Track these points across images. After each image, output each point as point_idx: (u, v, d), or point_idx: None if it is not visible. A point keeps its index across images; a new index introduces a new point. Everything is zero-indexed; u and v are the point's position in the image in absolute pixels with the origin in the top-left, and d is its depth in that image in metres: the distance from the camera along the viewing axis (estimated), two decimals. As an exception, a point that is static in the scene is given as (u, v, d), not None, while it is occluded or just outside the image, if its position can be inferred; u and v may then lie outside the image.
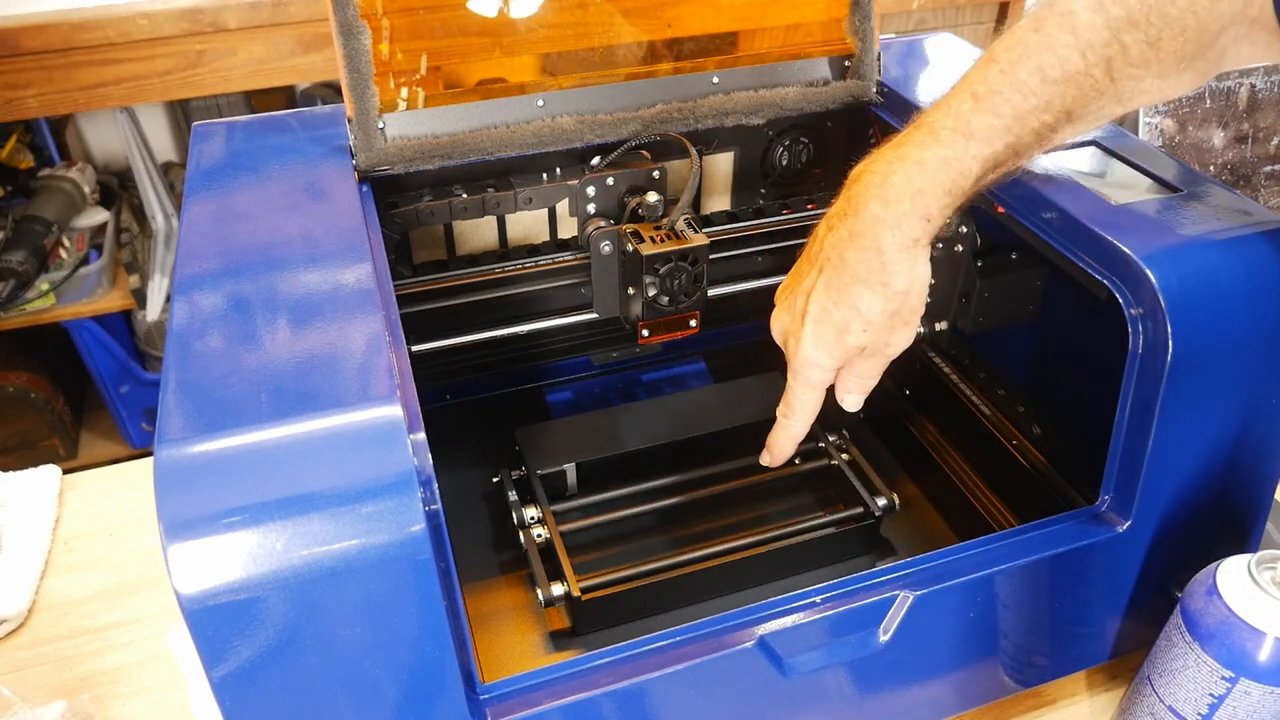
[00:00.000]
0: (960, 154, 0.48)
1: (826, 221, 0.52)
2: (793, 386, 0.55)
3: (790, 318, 0.54)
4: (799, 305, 0.53)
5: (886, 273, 0.49)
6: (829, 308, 0.51)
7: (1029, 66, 0.47)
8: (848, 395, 0.56)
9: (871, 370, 0.54)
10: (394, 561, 0.41)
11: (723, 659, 0.50)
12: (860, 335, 0.51)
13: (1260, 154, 1.71)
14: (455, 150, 0.64)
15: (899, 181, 0.49)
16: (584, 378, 0.87)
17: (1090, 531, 0.57)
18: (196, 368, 0.45)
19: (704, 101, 0.69)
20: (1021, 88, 0.47)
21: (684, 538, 0.72)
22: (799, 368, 0.53)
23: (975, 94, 0.48)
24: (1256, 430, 0.57)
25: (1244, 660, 0.50)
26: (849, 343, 0.52)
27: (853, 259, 0.50)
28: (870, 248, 0.49)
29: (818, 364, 0.53)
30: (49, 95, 1.37)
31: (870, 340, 0.52)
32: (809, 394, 0.55)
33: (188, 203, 0.58)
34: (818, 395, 0.55)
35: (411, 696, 0.45)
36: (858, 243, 0.49)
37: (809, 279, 0.52)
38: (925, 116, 0.50)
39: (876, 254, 0.49)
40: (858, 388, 0.55)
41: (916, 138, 0.49)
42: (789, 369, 0.55)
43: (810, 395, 0.55)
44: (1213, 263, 0.54)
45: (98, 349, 1.70)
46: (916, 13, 1.74)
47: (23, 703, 0.64)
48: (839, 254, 0.50)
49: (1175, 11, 0.45)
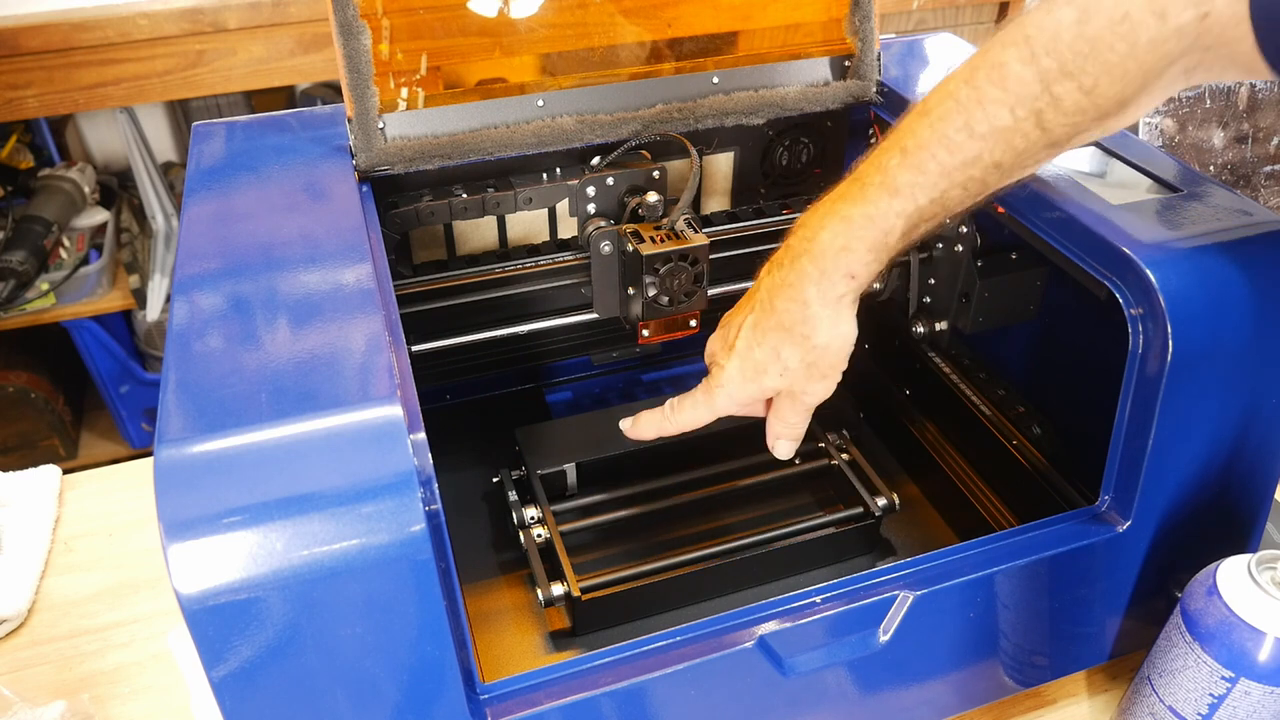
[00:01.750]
0: (884, 211, 0.48)
1: (769, 265, 0.54)
2: (697, 397, 0.57)
3: (720, 345, 0.57)
4: (730, 336, 0.55)
5: (808, 325, 0.51)
6: (753, 346, 0.53)
7: (957, 123, 0.46)
8: (778, 442, 0.58)
9: (792, 415, 0.56)
10: (394, 561, 0.41)
11: (723, 659, 0.50)
12: (776, 379, 0.54)
13: (1260, 154, 1.71)
14: (455, 150, 0.64)
15: (826, 238, 0.50)
16: (584, 378, 0.87)
17: (1090, 531, 0.57)
18: (196, 368, 0.45)
19: (704, 101, 0.69)
20: (948, 144, 0.46)
21: (684, 538, 0.72)
22: (714, 388, 0.56)
23: (904, 148, 0.48)
24: (1256, 430, 0.57)
25: (1244, 660, 0.50)
26: (765, 384, 0.54)
27: (780, 307, 0.52)
28: (796, 300, 0.51)
29: (730, 393, 0.55)
30: (49, 95, 1.37)
31: (786, 385, 0.54)
32: (704, 411, 0.57)
33: (188, 203, 0.58)
34: (708, 416, 0.57)
35: (411, 696, 0.45)
36: (786, 293, 0.51)
37: (742, 313, 0.55)
38: (859, 168, 0.50)
39: (801, 306, 0.51)
40: (786, 433, 0.57)
41: (850, 193, 0.50)
42: (703, 385, 0.57)
43: (705, 412, 0.57)
44: (1213, 263, 0.54)
45: (98, 349, 1.70)
46: (916, 13, 1.74)
47: (23, 703, 0.64)
48: (770, 299, 0.52)
49: (1114, 58, 0.42)
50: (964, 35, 1.33)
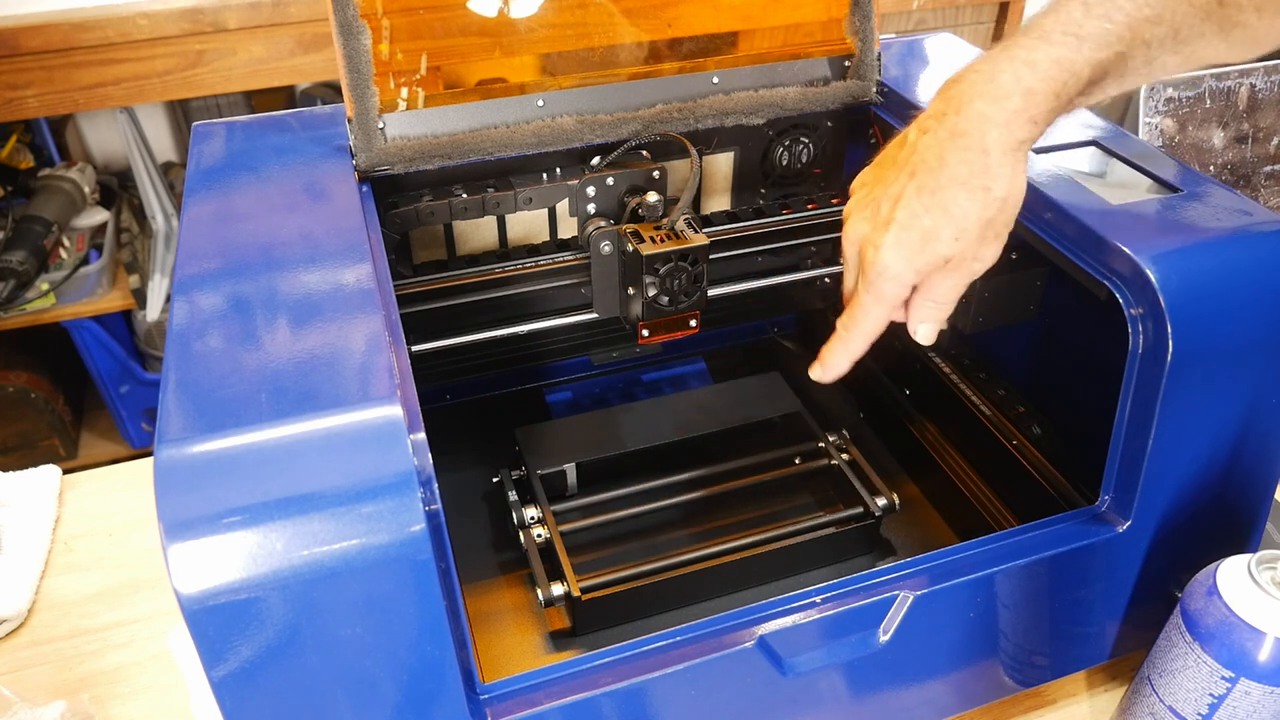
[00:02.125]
0: (1073, 55, 0.46)
1: (919, 125, 0.49)
2: (863, 300, 0.51)
3: (870, 225, 0.50)
4: (883, 212, 0.49)
5: (989, 175, 0.47)
6: (919, 213, 0.48)
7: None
8: (922, 325, 0.52)
9: (949, 291, 0.50)
10: (394, 561, 0.41)
11: (723, 659, 0.50)
12: (950, 244, 0.48)
13: (1260, 154, 1.71)
14: (455, 150, 0.64)
15: (1008, 80, 0.46)
16: (584, 378, 0.87)
17: (1090, 531, 0.57)
18: (196, 368, 0.45)
19: (704, 101, 0.69)
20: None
21: (684, 538, 0.72)
22: (874, 278, 0.49)
23: (1086, 3, 0.46)
24: (1256, 430, 0.57)
25: (1244, 660, 0.50)
26: (936, 252, 0.48)
27: (953, 160, 0.47)
28: (974, 148, 0.46)
29: (897, 275, 0.49)
30: (49, 95, 1.37)
31: (958, 251, 0.48)
32: (879, 309, 0.51)
33: (188, 203, 0.58)
34: (887, 312, 0.51)
35: (411, 696, 0.45)
36: (960, 142, 0.47)
37: (896, 184, 0.49)
38: (1031, 25, 0.48)
39: (981, 154, 0.46)
40: (933, 315, 0.51)
41: (1024, 42, 0.47)
42: (862, 281, 0.51)
43: (879, 311, 0.51)
44: (1213, 263, 0.54)
45: (98, 349, 1.70)
46: (916, 13, 1.74)
47: (23, 703, 0.64)
48: (936, 155, 0.47)
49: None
50: (964, 35, 1.34)
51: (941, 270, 0.49)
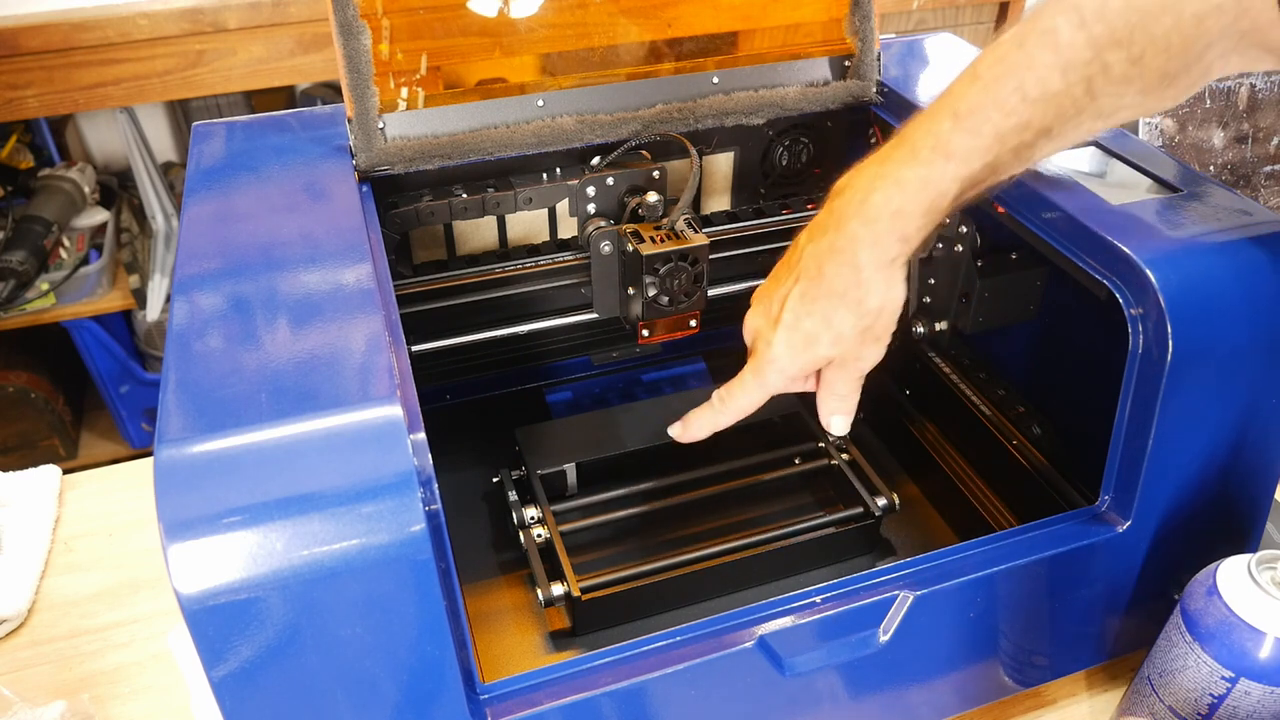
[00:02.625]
0: (939, 174, 0.48)
1: (809, 231, 0.53)
2: (746, 380, 0.55)
3: (764, 320, 0.54)
4: (774, 310, 0.53)
5: (861, 290, 0.50)
6: (802, 316, 0.52)
7: (1009, 85, 0.46)
8: (832, 417, 0.56)
9: (844, 386, 0.55)
10: (394, 561, 0.41)
11: (723, 659, 0.50)
12: (829, 348, 0.52)
13: (1260, 154, 1.71)
14: (455, 150, 0.64)
15: (879, 200, 0.49)
16: (584, 378, 0.87)
17: (1090, 531, 0.57)
18: (196, 368, 0.45)
19: (704, 101, 0.69)
20: (1002, 106, 0.46)
21: (684, 538, 0.72)
22: (763, 366, 0.54)
23: (956, 112, 0.47)
24: (1256, 430, 0.57)
25: (1244, 660, 0.50)
26: (817, 353, 0.52)
27: (830, 273, 0.50)
28: (848, 264, 0.50)
29: (783, 369, 0.53)
30: (49, 95, 1.37)
31: (838, 354, 0.53)
32: (758, 392, 0.55)
33: (188, 203, 0.58)
34: (764, 396, 0.55)
35: (411, 696, 0.45)
36: (836, 258, 0.50)
37: (786, 285, 0.53)
38: (907, 131, 0.49)
39: (854, 270, 0.50)
40: (840, 407, 0.56)
41: (897, 155, 0.49)
42: (750, 365, 0.55)
43: (758, 394, 0.55)
44: (1213, 263, 0.54)
45: (98, 349, 1.70)
46: (916, 13, 1.74)
47: (23, 703, 0.64)
48: (817, 266, 0.51)
49: (1160, 30, 0.44)
50: (964, 35, 1.34)
51: (830, 368, 0.54)
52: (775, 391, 0.55)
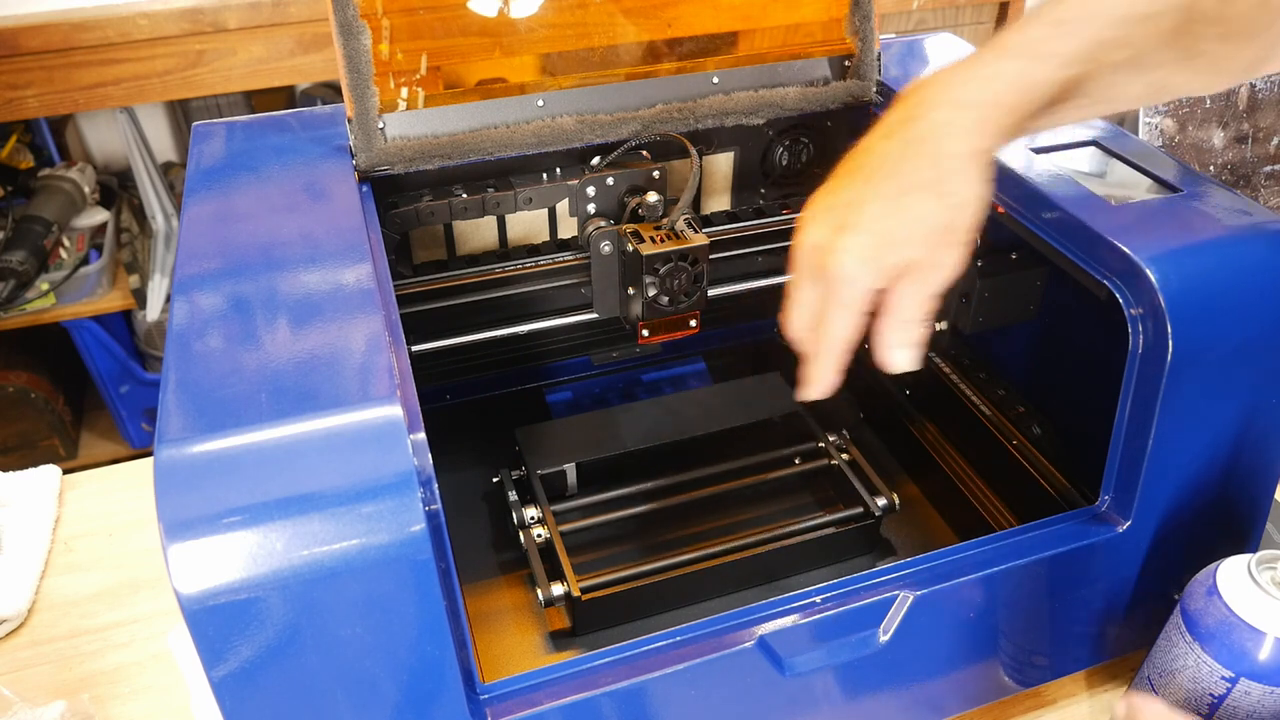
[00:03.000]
0: (1036, 71, 0.46)
1: (875, 135, 0.49)
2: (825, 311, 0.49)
3: (828, 231, 0.48)
4: (840, 218, 0.47)
5: (949, 182, 0.46)
6: (878, 216, 0.46)
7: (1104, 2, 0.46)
8: (894, 350, 0.49)
9: (915, 306, 0.48)
10: (394, 561, 0.41)
11: (723, 659, 0.50)
12: (908, 249, 0.46)
13: (1260, 154, 1.71)
14: (455, 150, 0.64)
15: (972, 89, 0.46)
16: (584, 378, 0.87)
17: (1090, 531, 0.57)
18: (196, 368, 0.45)
19: (704, 101, 0.69)
20: (1099, 18, 0.46)
21: (684, 538, 0.72)
22: (835, 284, 0.47)
23: (1054, 19, 0.47)
24: (1256, 430, 0.57)
25: (1244, 660, 0.50)
26: (897, 256, 0.46)
27: (911, 166, 0.46)
28: (932, 153, 0.46)
29: (857, 278, 0.47)
30: (49, 95, 1.37)
31: (918, 256, 0.46)
32: (845, 315, 0.48)
33: (188, 203, 0.58)
34: (853, 318, 0.48)
35: (411, 696, 0.45)
36: (919, 148, 0.46)
37: (853, 190, 0.48)
38: (995, 41, 0.48)
39: (940, 159, 0.46)
40: (904, 336, 0.48)
41: (988, 56, 0.47)
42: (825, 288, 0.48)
43: (846, 317, 0.48)
44: (1213, 263, 0.54)
45: (98, 349, 1.70)
46: (916, 13, 1.74)
47: (23, 703, 0.64)
48: (896, 160, 0.47)
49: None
50: (964, 35, 1.34)
51: (903, 281, 0.48)
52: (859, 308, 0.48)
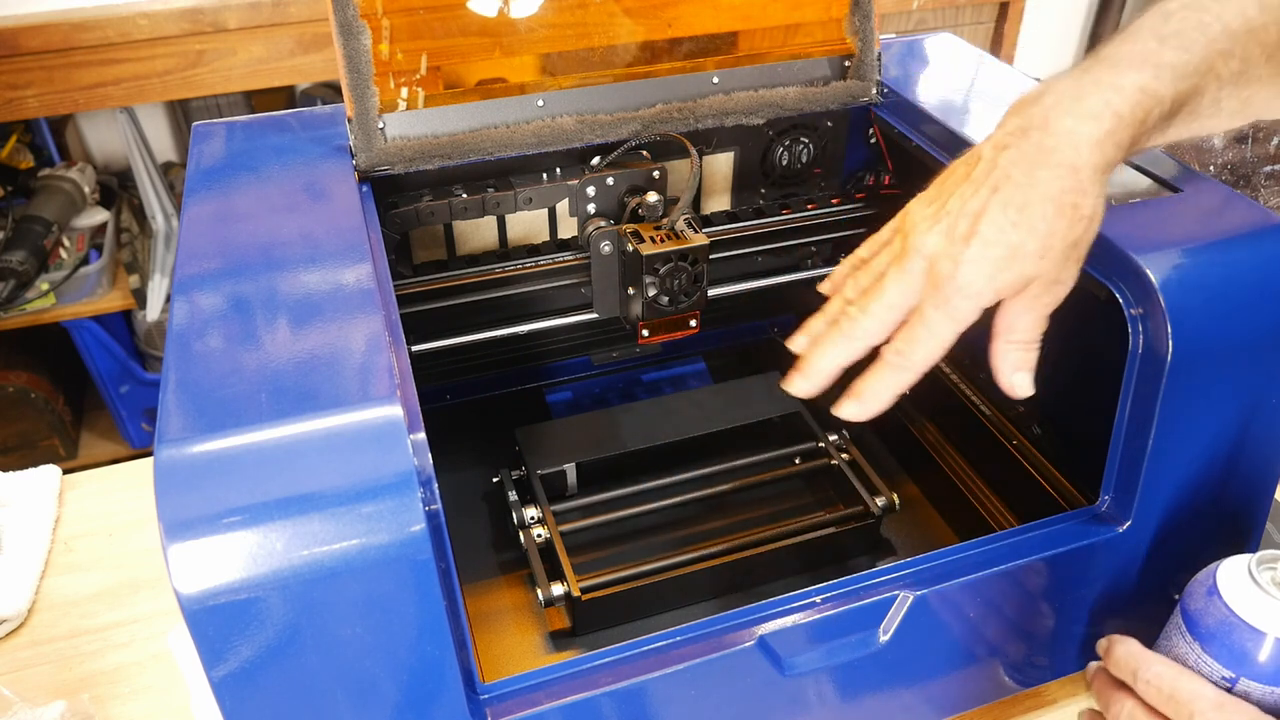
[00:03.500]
0: (1156, 83, 0.45)
1: (996, 142, 0.46)
2: (929, 319, 0.46)
3: (946, 240, 0.45)
4: (961, 227, 0.45)
5: (1079, 192, 0.44)
6: (1005, 227, 0.44)
7: (1211, 13, 0.46)
8: (1016, 374, 0.48)
9: (1032, 326, 0.47)
10: (394, 561, 0.41)
11: (723, 659, 0.50)
12: (1036, 262, 0.45)
13: (1260, 154, 1.71)
14: (455, 150, 0.64)
15: (1097, 101, 0.45)
16: (584, 378, 0.87)
17: (1090, 531, 0.57)
18: (196, 368, 0.45)
19: (704, 101, 0.69)
20: (1207, 30, 0.45)
21: (684, 538, 0.72)
22: (950, 294, 0.45)
23: (1160, 35, 0.46)
24: (1256, 430, 0.57)
25: (1244, 660, 0.50)
26: (1021, 270, 0.45)
27: (1043, 175, 0.44)
28: (1065, 163, 0.44)
29: (977, 292, 0.45)
30: (49, 95, 1.37)
31: (1043, 270, 0.45)
32: (948, 328, 0.46)
33: (188, 203, 0.58)
34: (955, 332, 0.46)
35: (411, 696, 0.45)
36: (1050, 158, 0.44)
37: (976, 198, 0.45)
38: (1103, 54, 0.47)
39: (1072, 170, 0.44)
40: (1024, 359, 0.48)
41: (1101, 68, 0.46)
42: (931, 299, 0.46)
43: (949, 330, 0.46)
44: (1213, 263, 0.54)
45: (98, 349, 1.70)
46: (916, 13, 1.74)
47: (23, 703, 0.64)
48: (1025, 170, 0.45)
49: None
50: (964, 35, 1.34)
51: (1021, 298, 0.47)
52: (964, 325, 0.46)
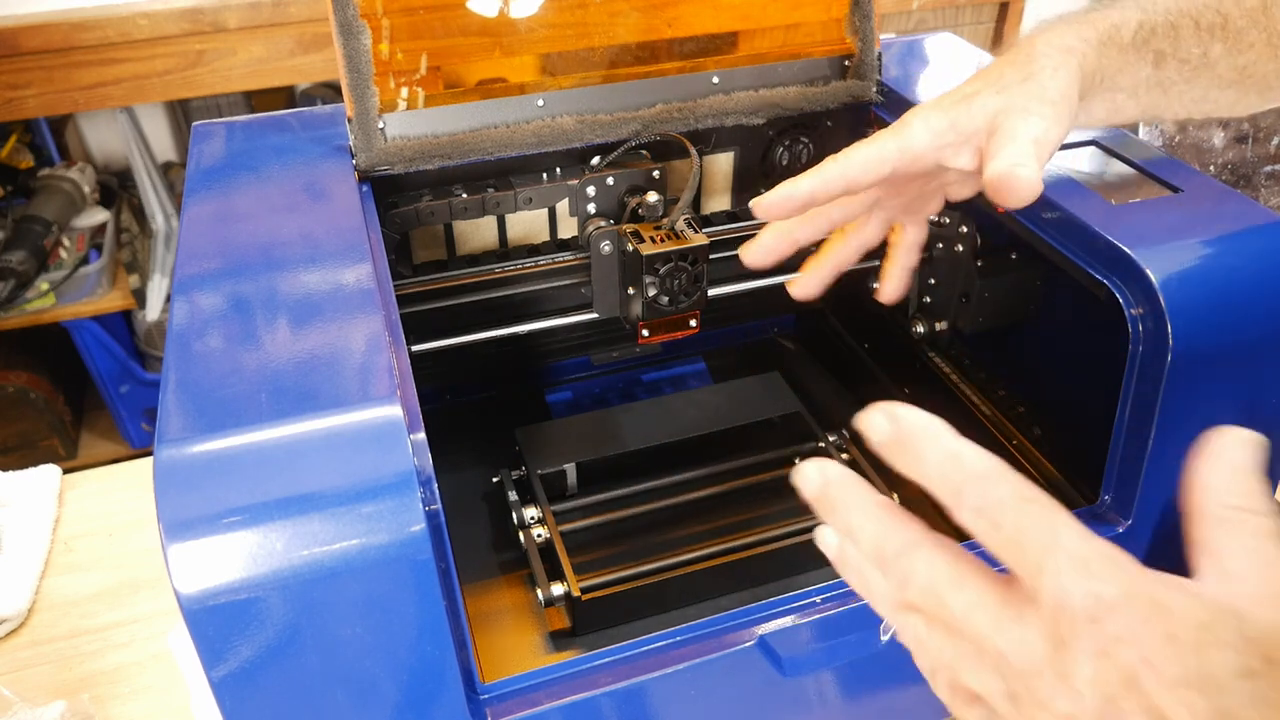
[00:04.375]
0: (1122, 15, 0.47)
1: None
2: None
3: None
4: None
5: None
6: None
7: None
8: None
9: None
10: (394, 561, 0.41)
11: (723, 659, 0.50)
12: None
13: (1260, 154, 1.71)
14: (455, 150, 0.64)
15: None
16: (584, 378, 0.87)
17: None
18: (196, 368, 0.45)
19: (704, 101, 0.69)
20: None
21: (684, 538, 0.72)
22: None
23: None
24: (1256, 430, 0.57)
25: (1244, 660, 0.50)
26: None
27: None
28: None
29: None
30: (49, 95, 1.37)
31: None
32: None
33: (188, 203, 0.58)
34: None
35: (411, 696, 0.45)
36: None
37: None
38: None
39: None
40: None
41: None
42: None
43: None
44: (1213, 263, 0.54)
45: (98, 349, 1.70)
46: (916, 13, 1.74)
47: (23, 703, 0.64)
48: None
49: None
50: (964, 35, 1.34)
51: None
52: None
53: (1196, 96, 0.50)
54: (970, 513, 0.32)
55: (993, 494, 0.32)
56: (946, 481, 0.33)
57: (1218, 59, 0.48)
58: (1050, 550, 0.30)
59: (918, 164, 0.47)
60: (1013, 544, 0.31)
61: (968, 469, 0.33)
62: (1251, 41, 0.48)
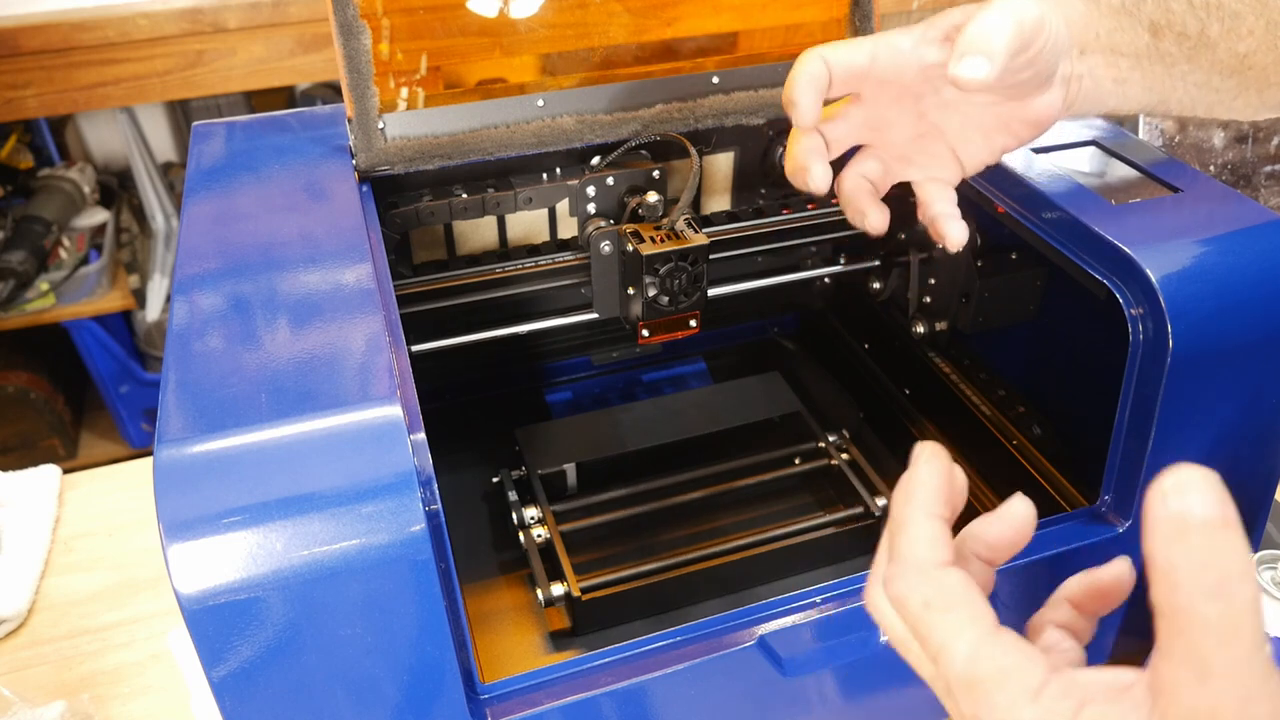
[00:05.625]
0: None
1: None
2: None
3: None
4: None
5: None
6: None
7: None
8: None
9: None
10: (394, 561, 0.41)
11: (723, 659, 0.50)
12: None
13: (1260, 154, 1.71)
14: (455, 150, 0.64)
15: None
16: (584, 378, 0.87)
17: (1090, 531, 0.57)
18: (196, 368, 0.45)
19: (704, 101, 0.69)
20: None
21: (684, 538, 0.72)
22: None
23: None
24: (1256, 430, 0.57)
25: (1244, 660, 0.50)
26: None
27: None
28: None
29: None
30: (49, 95, 1.37)
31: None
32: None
33: (188, 203, 0.58)
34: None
35: (411, 696, 0.45)
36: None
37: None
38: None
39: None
40: None
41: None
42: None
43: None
44: (1213, 262, 0.54)
45: (98, 349, 1.70)
46: (916, 13, 1.74)
47: (23, 703, 0.64)
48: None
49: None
50: (964, 35, 1.33)
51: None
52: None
53: (1199, 80, 0.50)
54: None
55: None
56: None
57: (1217, 40, 0.48)
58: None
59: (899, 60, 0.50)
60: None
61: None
62: (1250, 28, 0.48)
